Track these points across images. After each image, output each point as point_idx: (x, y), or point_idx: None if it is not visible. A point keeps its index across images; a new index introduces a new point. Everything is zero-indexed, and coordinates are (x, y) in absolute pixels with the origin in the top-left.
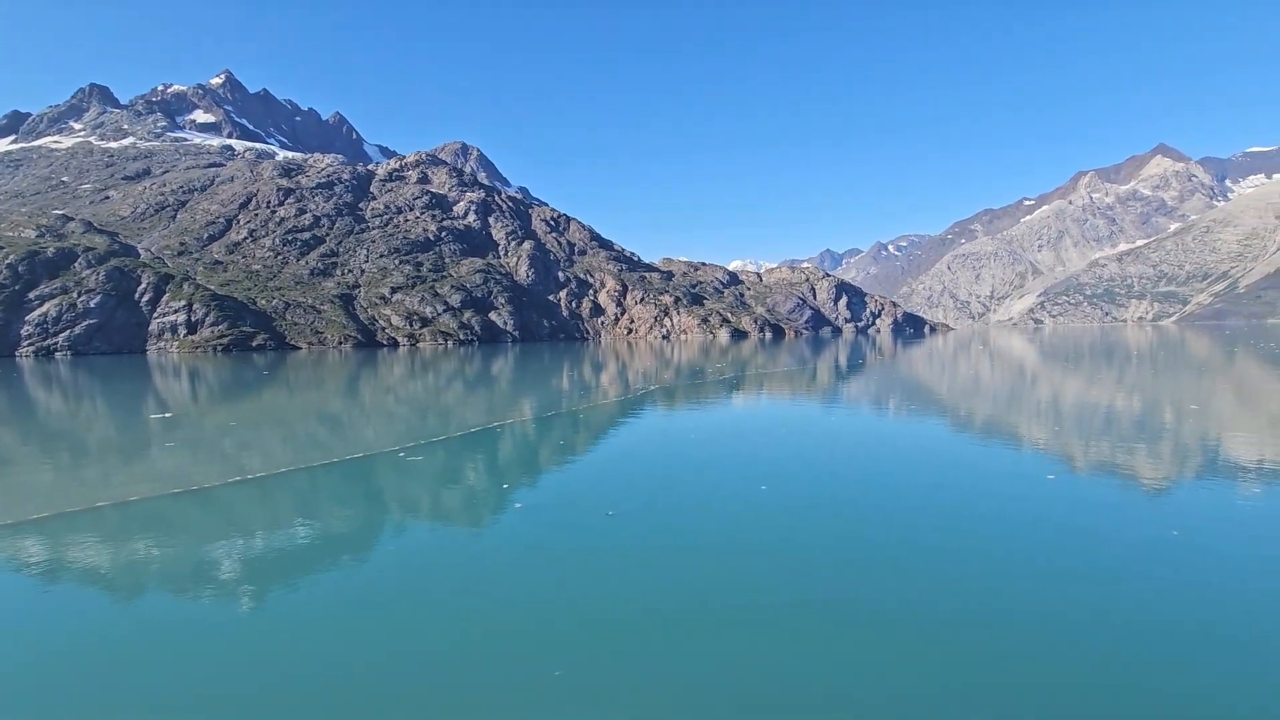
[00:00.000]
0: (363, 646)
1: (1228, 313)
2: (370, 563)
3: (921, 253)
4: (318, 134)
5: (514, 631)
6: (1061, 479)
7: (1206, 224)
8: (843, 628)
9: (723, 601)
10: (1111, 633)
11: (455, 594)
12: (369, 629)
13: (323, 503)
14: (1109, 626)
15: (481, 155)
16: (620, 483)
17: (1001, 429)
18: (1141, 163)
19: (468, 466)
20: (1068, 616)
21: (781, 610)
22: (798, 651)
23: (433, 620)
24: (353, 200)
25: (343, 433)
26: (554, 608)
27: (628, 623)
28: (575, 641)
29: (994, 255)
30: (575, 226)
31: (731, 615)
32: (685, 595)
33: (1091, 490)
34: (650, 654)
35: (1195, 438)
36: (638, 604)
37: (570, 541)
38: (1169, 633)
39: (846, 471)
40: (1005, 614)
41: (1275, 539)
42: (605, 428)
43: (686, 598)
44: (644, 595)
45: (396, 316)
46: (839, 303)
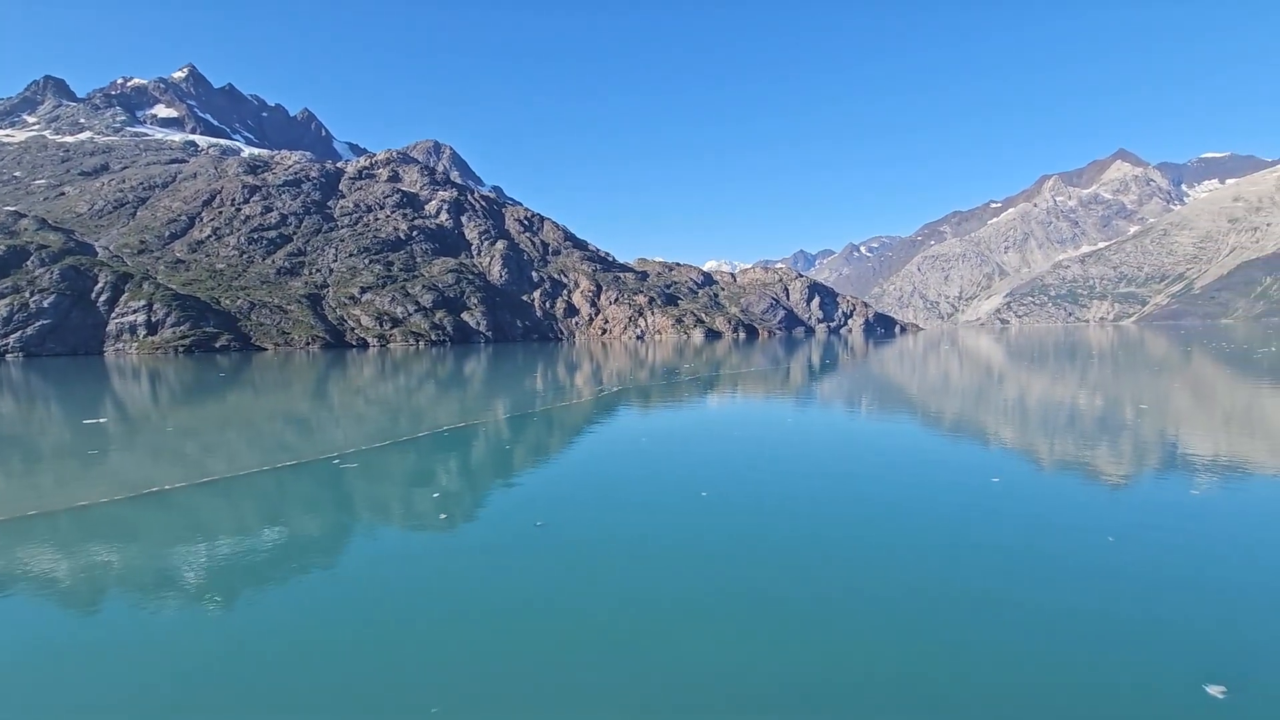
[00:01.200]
0: (328, 650)
1: (1184, 313)
2: (322, 569)
3: (892, 254)
4: (285, 130)
5: (484, 634)
6: (1025, 474)
7: (1164, 227)
8: (815, 624)
9: (688, 599)
10: (1075, 622)
11: (421, 596)
12: (333, 632)
13: (261, 511)
14: (1075, 617)
15: (454, 154)
16: (574, 485)
17: (969, 426)
18: (1103, 167)
19: (427, 468)
20: (1035, 607)
21: (752, 607)
22: (769, 648)
23: (401, 624)
24: (321, 198)
25: (287, 436)
26: (519, 608)
27: (597, 623)
28: (546, 641)
29: (962, 257)
30: (549, 226)
31: (698, 613)
32: (653, 594)
33: (1057, 483)
34: (625, 654)
35: (1154, 433)
36: (602, 604)
37: (535, 543)
38: (1138, 623)
39: (819, 469)
40: (972, 605)
41: (1229, 528)
42: (574, 428)
43: (654, 596)
44: (610, 595)
45: (366, 317)
46: (812, 303)
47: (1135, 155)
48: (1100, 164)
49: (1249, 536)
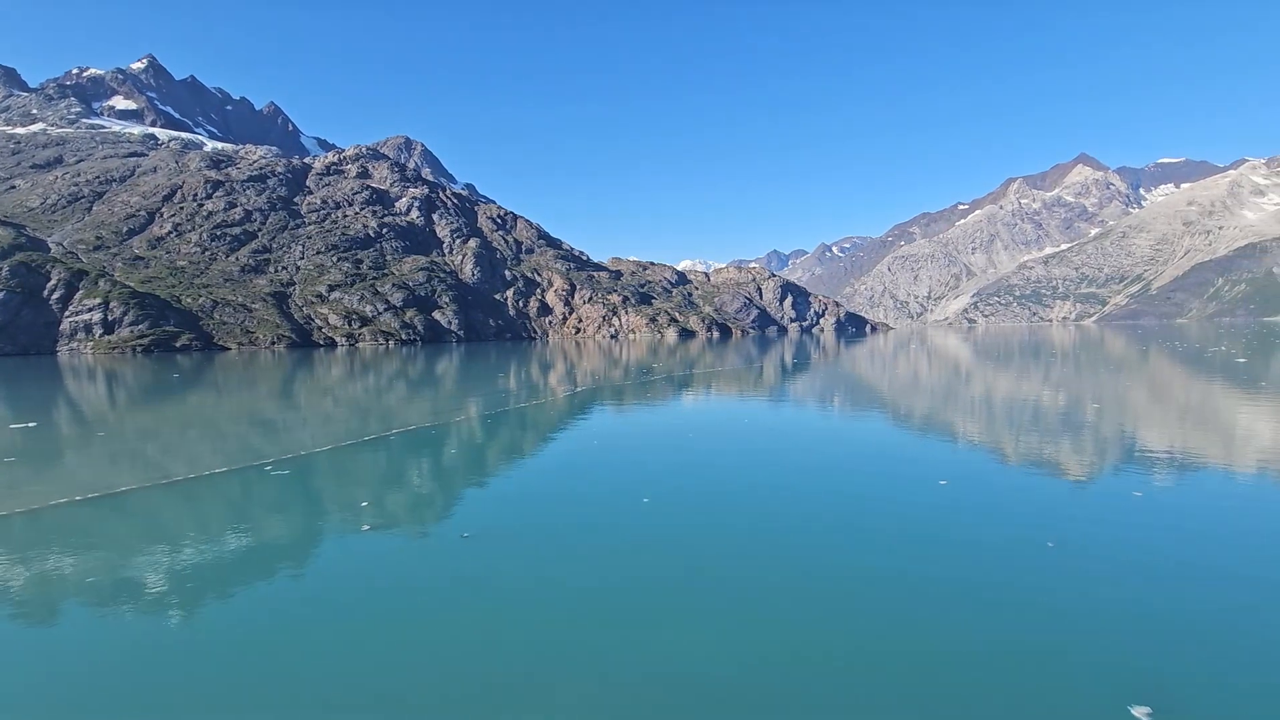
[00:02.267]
0: (289, 654)
1: (1142, 313)
2: (263, 574)
3: (863, 254)
4: (251, 124)
5: (447, 635)
6: (973, 475)
7: (1123, 229)
8: (773, 616)
9: (651, 595)
10: (997, 641)
11: (381, 597)
12: (290, 635)
13: (179, 523)
14: (1001, 632)
15: (426, 150)
16: (531, 487)
17: (928, 425)
18: (1065, 170)
19: (383, 470)
20: (1003, 594)
21: (723, 600)
22: (735, 641)
23: (361, 625)
24: (288, 194)
25: (221, 441)
26: (487, 607)
27: (561, 620)
28: (510, 640)
29: (931, 257)
30: (523, 225)
31: (666, 607)
32: (614, 592)
33: (1004, 487)
34: (591, 651)
35: (1105, 433)
36: (558, 604)
37: (513, 539)
38: (1114, 608)
39: (785, 465)
40: (944, 595)
41: (1172, 533)
42: (542, 428)
43: (615, 594)
44: (566, 594)
45: (334, 316)
46: (784, 302)
47: (1096, 160)
48: (1063, 167)
49: (1191, 545)
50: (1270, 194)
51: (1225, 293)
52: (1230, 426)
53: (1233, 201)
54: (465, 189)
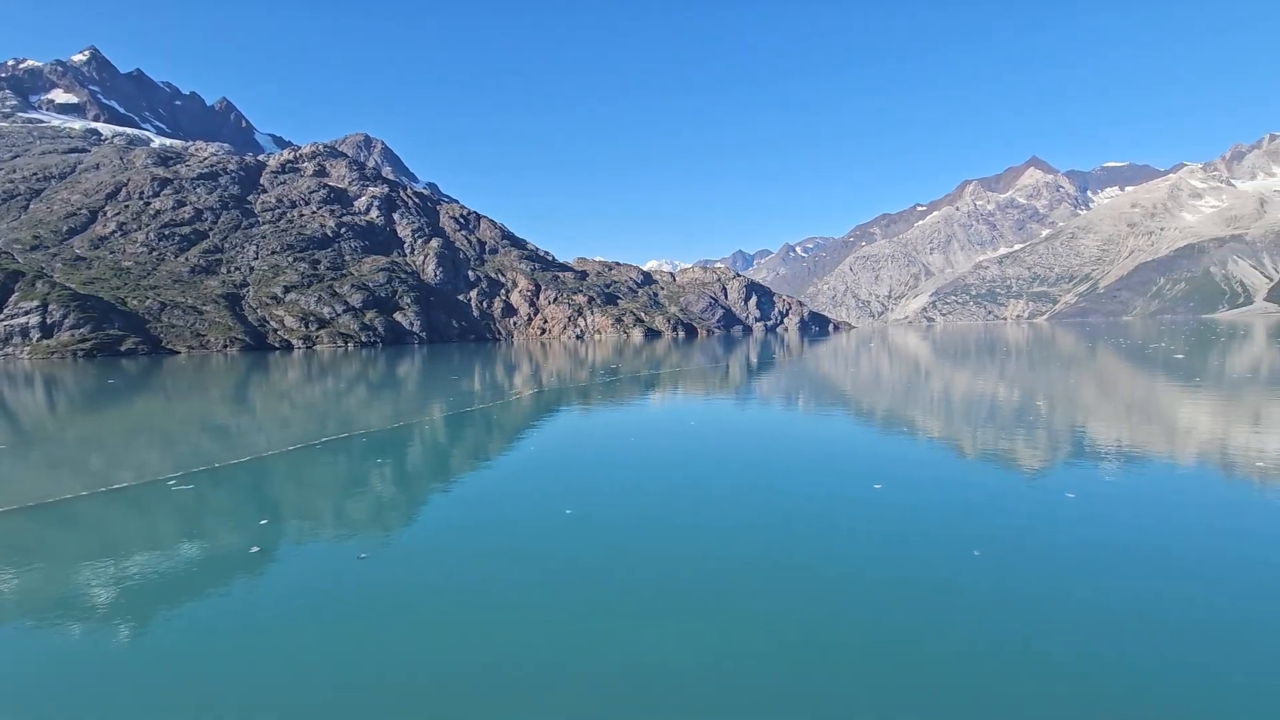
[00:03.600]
0: (242, 666)
1: (1090, 311)
2: (188, 583)
3: (826, 254)
4: (201, 120)
5: (413, 640)
6: (946, 461)
7: (1072, 231)
8: (755, 613)
9: (637, 593)
10: (995, 604)
11: (342, 602)
12: (247, 647)
13: (73, 542)
14: (1000, 599)
15: (386, 149)
16: (515, 483)
17: (899, 418)
18: (1018, 174)
19: (321, 476)
20: (968, 590)
21: (691, 598)
22: (706, 639)
23: (325, 635)
24: (240, 193)
25: (131, 452)
26: (449, 610)
27: (537, 620)
28: (478, 644)
29: (891, 257)
30: (486, 224)
31: (644, 607)
32: (579, 591)
33: (978, 470)
34: (566, 650)
35: (1065, 423)
36: (520, 607)
37: (469, 542)
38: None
39: (747, 463)
40: (912, 593)
41: (1105, 538)
42: (508, 428)
43: (579, 594)
44: (529, 595)
45: (290, 317)
46: (749, 302)
47: (1046, 163)
48: (1015, 170)
49: (1124, 553)
50: (1207, 197)
51: (1167, 291)
52: (1169, 422)
53: (1173, 204)
54: (427, 188)
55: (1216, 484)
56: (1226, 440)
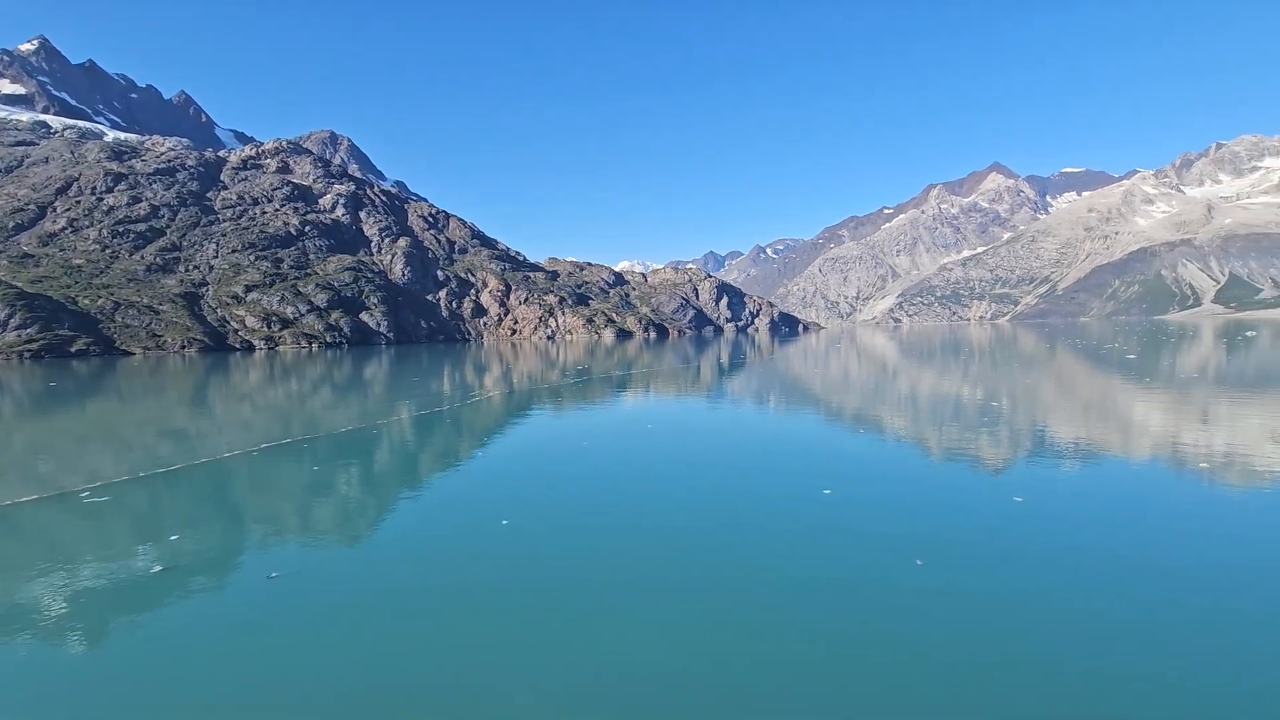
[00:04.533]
0: (203, 671)
1: (1049, 312)
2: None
3: (796, 256)
4: (158, 114)
5: (384, 642)
6: (900, 462)
7: (1032, 234)
8: (727, 613)
9: (608, 593)
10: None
11: (306, 607)
12: (208, 652)
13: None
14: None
15: (353, 146)
16: (482, 485)
17: (861, 418)
18: (981, 178)
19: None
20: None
21: (662, 598)
22: (678, 640)
23: (290, 639)
24: (200, 189)
25: (128, 448)
26: (415, 611)
27: (505, 622)
28: (445, 646)
29: (859, 259)
30: (455, 224)
31: (616, 607)
32: (541, 593)
33: (942, 468)
34: (533, 653)
35: (1019, 423)
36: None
37: (431, 545)
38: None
39: (726, 463)
40: (877, 590)
41: (1089, 506)
42: (477, 429)
43: (541, 595)
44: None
45: (252, 318)
46: (720, 303)
47: (1008, 168)
48: (978, 175)
49: (1074, 552)
50: (1158, 203)
51: (1121, 293)
52: (1119, 422)
53: (1126, 209)
54: (395, 186)
55: (1164, 481)
56: (1173, 438)
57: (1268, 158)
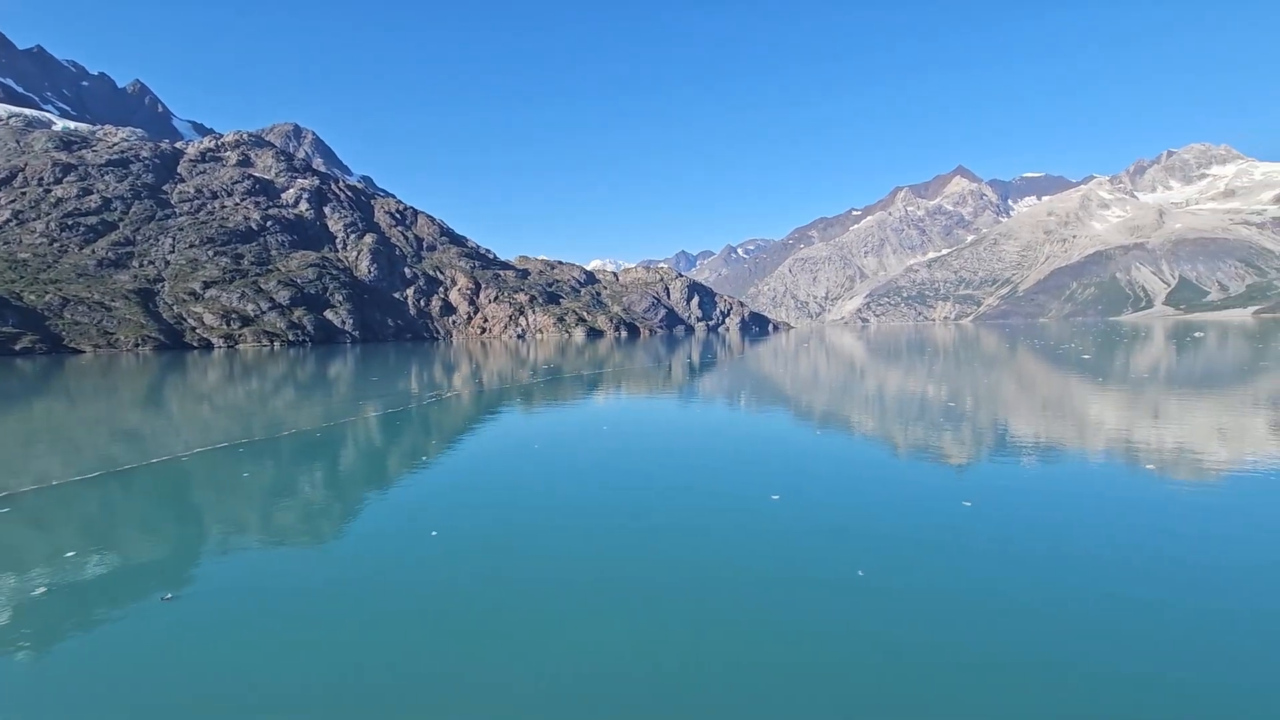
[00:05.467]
0: (163, 676)
1: (1010, 312)
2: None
3: (766, 256)
4: (112, 103)
5: (347, 644)
6: (858, 460)
7: (994, 237)
8: (697, 614)
9: (578, 594)
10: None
11: (265, 610)
12: (167, 656)
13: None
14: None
15: (317, 139)
16: (450, 486)
17: (828, 418)
18: (945, 181)
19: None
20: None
21: (630, 600)
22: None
23: (252, 642)
24: (155, 181)
25: (75, 448)
26: (386, 611)
27: (472, 624)
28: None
29: (828, 260)
30: (424, 220)
31: (586, 609)
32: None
33: (897, 470)
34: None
35: (982, 421)
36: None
37: (393, 552)
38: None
39: (696, 463)
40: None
41: (1049, 502)
42: (444, 429)
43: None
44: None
45: (210, 315)
46: (691, 302)
47: (971, 172)
48: (943, 178)
49: (1027, 549)
50: (1114, 207)
51: (1078, 295)
52: (1071, 419)
53: (1084, 214)
54: (361, 181)
55: (1114, 480)
56: (1124, 438)
57: (1214, 165)
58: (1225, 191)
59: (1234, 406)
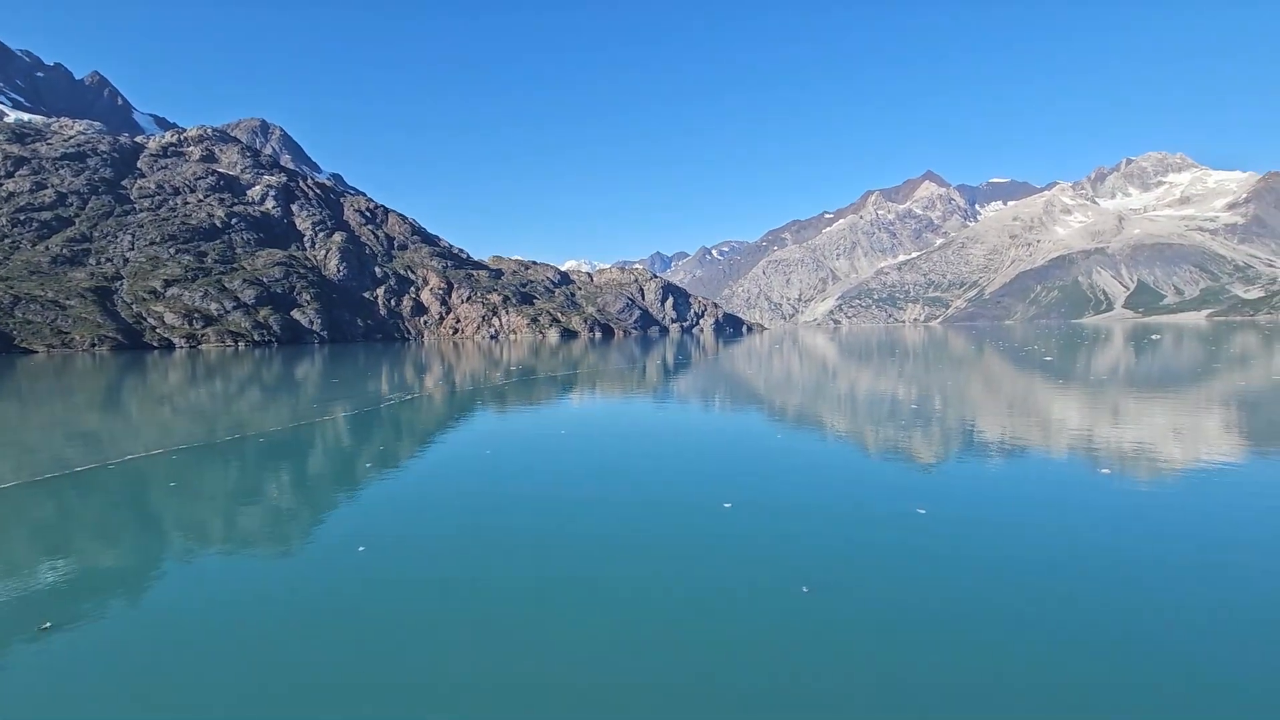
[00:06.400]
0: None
1: (978, 315)
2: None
3: (741, 258)
4: (68, 95)
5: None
6: (841, 461)
7: (962, 241)
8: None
9: (545, 597)
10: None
11: (224, 616)
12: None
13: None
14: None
15: (285, 135)
16: (417, 489)
17: (801, 418)
18: (915, 186)
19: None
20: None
21: (597, 601)
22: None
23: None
24: (114, 176)
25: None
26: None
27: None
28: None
29: (801, 262)
30: (395, 219)
31: (552, 611)
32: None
33: (864, 472)
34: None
35: (945, 425)
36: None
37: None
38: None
39: (666, 465)
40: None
41: (1010, 499)
42: (414, 431)
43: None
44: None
45: (172, 314)
46: (666, 303)
47: (940, 177)
48: (913, 183)
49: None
50: (1076, 213)
51: (1042, 298)
52: (1033, 419)
53: (1047, 219)
54: (331, 179)
55: (1066, 478)
56: (1086, 438)
57: (1171, 173)
58: (1181, 199)
59: (1188, 407)
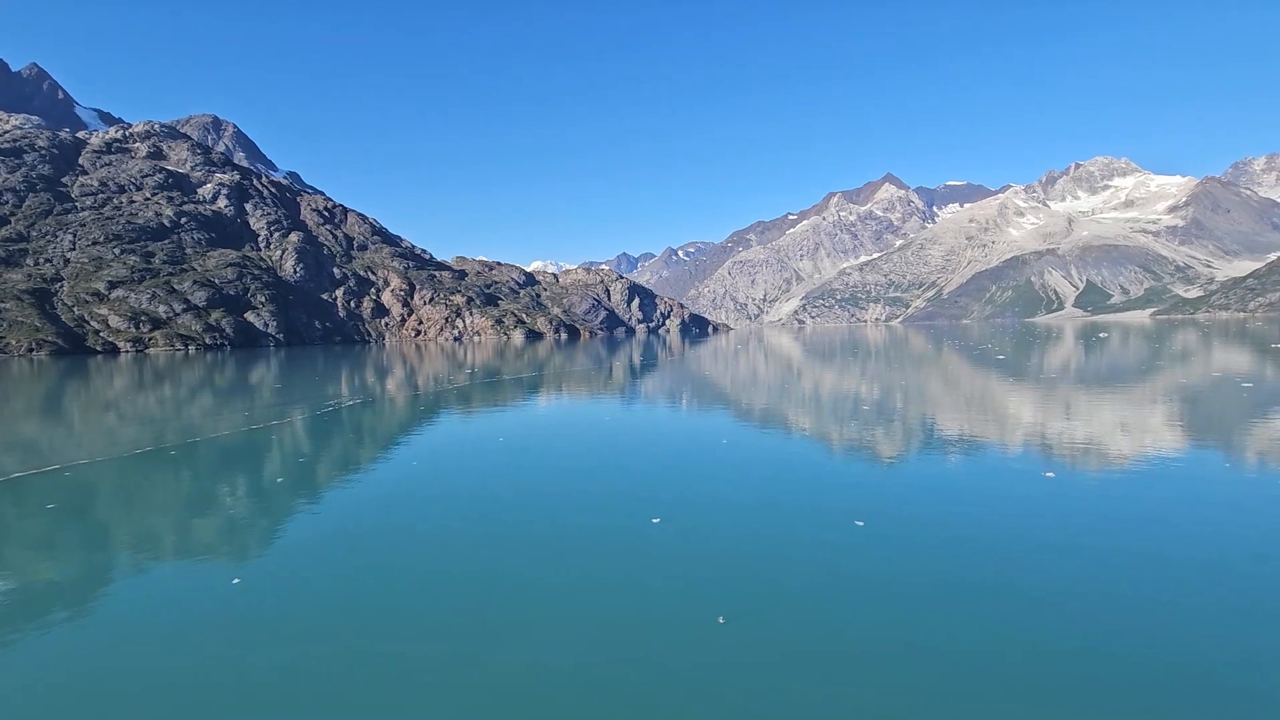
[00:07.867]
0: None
1: (936, 314)
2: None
3: (706, 259)
4: (3, 88)
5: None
6: (790, 466)
7: (920, 242)
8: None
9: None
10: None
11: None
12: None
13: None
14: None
15: (239, 133)
16: (383, 491)
17: (753, 420)
18: (876, 188)
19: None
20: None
21: (565, 604)
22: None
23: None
24: (53, 173)
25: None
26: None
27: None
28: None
29: (766, 263)
30: (354, 219)
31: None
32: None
33: (808, 479)
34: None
35: (916, 414)
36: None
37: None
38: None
39: (632, 465)
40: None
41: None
42: (372, 435)
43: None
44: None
45: (116, 317)
46: (632, 304)
47: (899, 179)
48: (874, 185)
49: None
50: (1029, 215)
51: (997, 298)
52: (982, 413)
53: (1001, 221)
54: (287, 178)
55: (1013, 477)
56: (1027, 434)
57: (1116, 177)
58: (1125, 202)
59: (1134, 402)
